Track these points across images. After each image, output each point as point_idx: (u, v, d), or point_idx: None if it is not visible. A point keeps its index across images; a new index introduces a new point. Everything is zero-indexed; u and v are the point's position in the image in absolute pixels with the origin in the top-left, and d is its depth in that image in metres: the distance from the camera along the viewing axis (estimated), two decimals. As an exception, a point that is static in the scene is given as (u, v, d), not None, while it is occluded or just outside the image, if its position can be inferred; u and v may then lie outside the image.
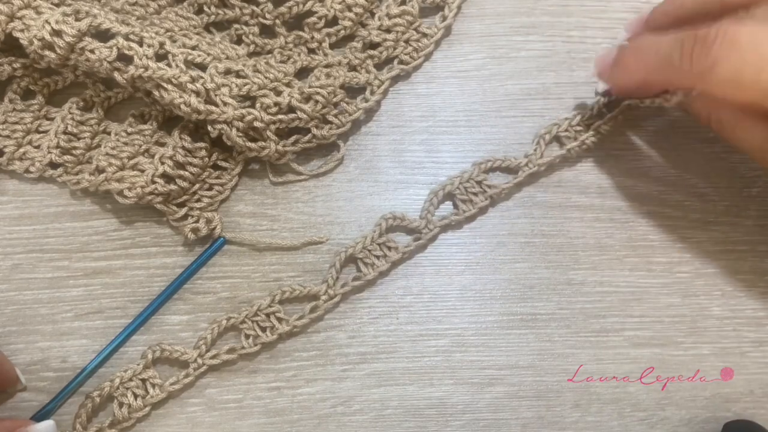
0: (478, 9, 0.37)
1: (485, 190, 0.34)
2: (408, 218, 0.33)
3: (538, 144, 0.34)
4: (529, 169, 0.34)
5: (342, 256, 0.33)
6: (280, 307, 0.32)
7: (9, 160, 0.34)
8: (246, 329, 0.32)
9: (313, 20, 0.35)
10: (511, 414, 0.32)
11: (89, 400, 0.31)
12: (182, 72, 0.31)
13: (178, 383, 0.31)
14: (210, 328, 0.32)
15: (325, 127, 0.34)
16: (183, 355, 0.31)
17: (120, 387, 0.31)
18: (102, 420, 0.31)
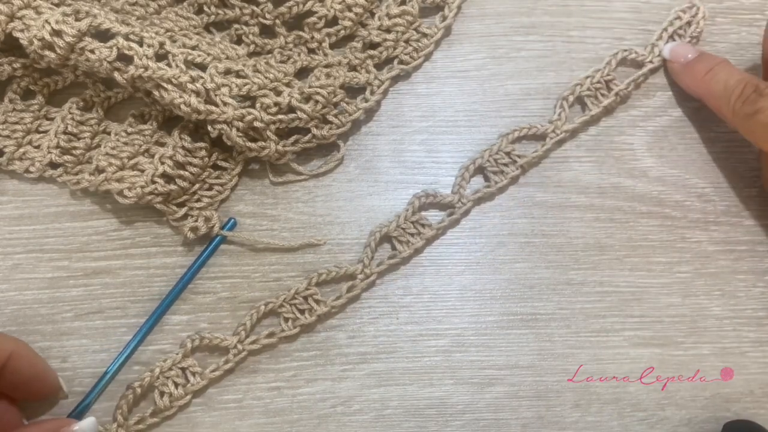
0: (478, 9, 0.37)
1: (515, 160, 0.34)
2: (441, 194, 0.34)
3: (561, 107, 0.35)
4: (556, 135, 0.35)
5: (377, 236, 0.33)
6: (317, 289, 0.32)
7: (9, 160, 0.34)
8: (285, 313, 0.32)
9: (313, 20, 0.35)
10: (511, 414, 0.32)
11: (130, 391, 0.31)
12: (182, 72, 0.31)
13: (218, 370, 0.31)
14: (249, 314, 0.32)
15: (325, 127, 0.34)
16: (223, 342, 0.32)
17: (160, 377, 0.31)
18: (143, 410, 0.31)
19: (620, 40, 0.37)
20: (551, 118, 0.35)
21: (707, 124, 0.36)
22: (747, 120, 0.31)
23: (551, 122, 0.35)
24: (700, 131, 0.36)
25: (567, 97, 0.35)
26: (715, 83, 0.33)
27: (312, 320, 0.32)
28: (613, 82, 0.36)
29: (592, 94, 0.35)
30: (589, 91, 0.35)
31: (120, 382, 0.31)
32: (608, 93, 0.35)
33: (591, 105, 0.35)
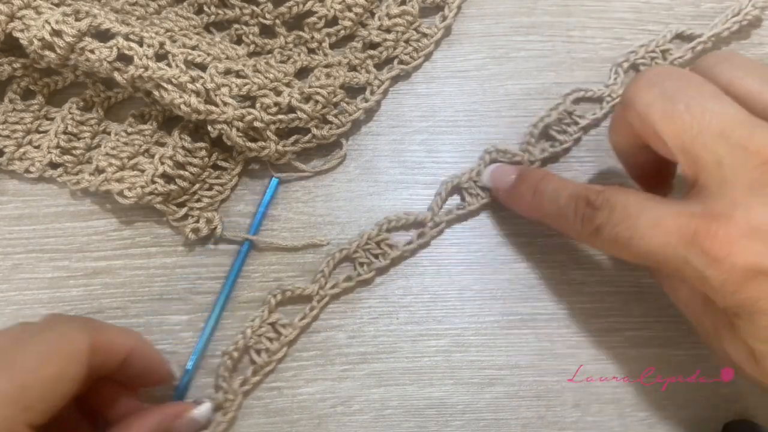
0: (478, 9, 0.37)
1: (577, 121, 0.35)
2: (511, 151, 0.34)
3: (616, 73, 0.36)
4: (612, 99, 0.35)
5: (448, 186, 0.34)
6: (388, 234, 0.33)
7: (9, 160, 0.34)
8: (359, 258, 0.33)
9: (313, 20, 0.35)
10: (511, 414, 0.32)
11: (227, 357, 0.31)
12: (182, 72, 0.31)
13: (306, 318, 0.32)
14: (325, 261, 0.33)
15: (325, 127, 0.34)
16: (305, 291, 0.32)
17: (253, 336, 0.32)
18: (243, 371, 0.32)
19: (620, 40, 0.37)
20: (607, 83, 0.36)
21: (707, 124, 0.36)
22: (591, 239, 0.27)
23: (607, 86, 0.35)
24: (700, 131, 0.36)
25: (621, 64, 0.36)
26: (546, 205, 0.30)
27: (386, 263, 0.33)
28: (668, 52, 0.36)
29: (647, 62, 0.36)
30: (644, 60, 0.36)
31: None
32: (664, 62, 0.36)
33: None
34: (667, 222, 0.24)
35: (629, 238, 0.25)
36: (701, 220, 0.23)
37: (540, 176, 0.31)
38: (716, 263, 0.23)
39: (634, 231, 0.25)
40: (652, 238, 0.24)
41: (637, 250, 0.25)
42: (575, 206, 0.28)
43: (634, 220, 0.25)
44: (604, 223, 0.26)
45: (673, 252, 0.24)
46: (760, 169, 0.23)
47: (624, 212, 0.26)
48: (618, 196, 0.26)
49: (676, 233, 0.24)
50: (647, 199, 0.26)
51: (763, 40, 0.38)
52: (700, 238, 0.23)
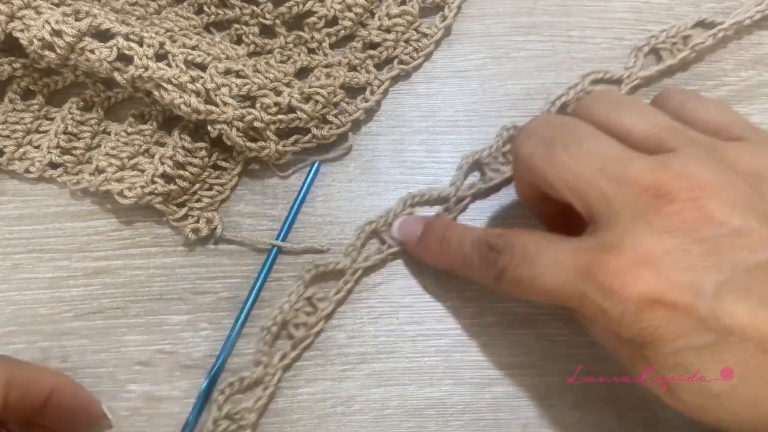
0: (478, 9, 0.37)
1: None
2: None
3: (636, 56, 0.36)
4: (631, 81, 0.35)
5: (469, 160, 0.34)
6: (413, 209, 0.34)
7: (9, 160, 0.34)
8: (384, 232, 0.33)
9: (313, 20, 0.35)
10: (511, 414, 0.32)
11: (266, 332, 0.31)
12: (182, 72, 0.31)
13: (341, 291, 0.32)
14: (356, 234, 0.33)
15: (325, 127, 0.34)
16: (338, 265, 0.32)
17: (291, 311, 0.32)
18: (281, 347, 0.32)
19: (620, 40, 0.37)
20: (627, 65, 0.36)
21: (707, 124, 0.36)
22: (497, 283, 0.27)
23: (627, 69, 0.36)
24: (700, 131, 0.36)
25: (642, 48, 0.36)
26: (453, 253, 0.30)
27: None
28: (690, 38, 0.36)
29: (667, 47, 0.36)
30: (665, 44, 0.36)
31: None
32: (684, 48, 0.36)
33: (666, 57, 0.36)
34: (564, 259, 0.25)
35: (531, 279, 0.26)
36: (593, 254, 0.24)
37: (445, 226, 0.31)
38: (612, 295, 0.23)
39: (535, 271, 0.25)
40: (552, 277, 0.25)
41: (540, 290, 0.25)
42: (479, 252, 0.28)
43: (533, 259, 0.26)
44: (506, 265, 0.26)
45: (572, 288, 0.24)
46: (640, 197, 0.24)
47: (523, 253, 0.26)
48: (517, 238, 0.27)
49: (572, 269, 0.24)
50: (545, 239, 0.26)
51: (762, 40, 0.38)
52: (593, 271, 0.23)
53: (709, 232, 0.23)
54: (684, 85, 0.37)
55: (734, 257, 0.22)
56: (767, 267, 0.22)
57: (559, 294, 0.25)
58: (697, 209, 0.23)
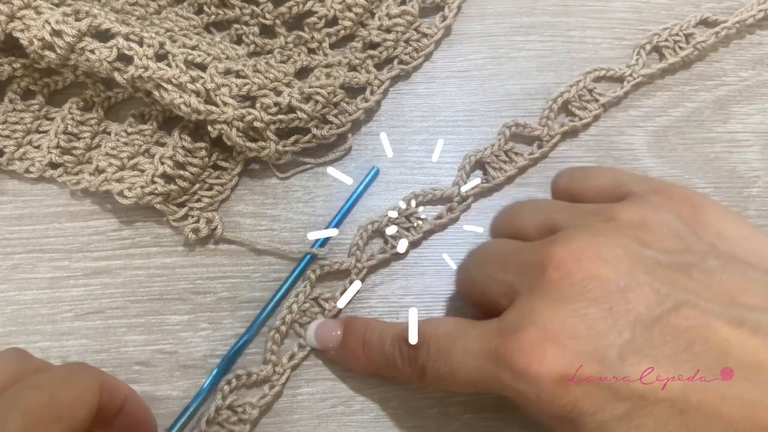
0: (478, 9, 0.37)
1: (597, 99, 0.35)
2: (530, 125, 0.35)
3: (638, 54, 0.36)
4: (633, 79, 0.36)
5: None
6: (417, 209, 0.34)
7: (9, 160, 0.34)
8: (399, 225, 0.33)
9: (313, 20, 0.35)
10: (511, 414, 0.32)
11: (274, 332, 0.32)
12: (182, 72, 0.31)
13: (347, 291, 0.33)
14: (358, 234, 0.33)
15: (325, 127, 0.34)
16: (342, 265, 0.33)
17: (298, 312, 0.32)
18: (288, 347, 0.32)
19: (620, 40, 0.37)
20: (629, 63, 0.36)
21: (707, 124, 0.36)
22: (423, 381, 0.27)
23: (629, 66, 0.36)
24: (700, 131, 0.36)
25: (644, 45, 0.36)
26: (375, 354, 0.29)
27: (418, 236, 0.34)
28: (692, 36, 0.36)
29: (670, 45, 0.36)
30: (667, 42, 0.36)
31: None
32: (687, 45, 0.36)
33: (668, 55, 0.36)
34: (474, 346, 0.25)
35: (450, 372, 0.25)
36: (501, 337, 0.24)
37: (364, 326, 0.30)
38: (524, 377, 0.23)
39: (451, 364, 0.25)
40: (468, 367, 0.25)
41: (460, 382, 0.25)
42: (399, 350, 0.28)
43: (448, 352, 0.25)
44: (425, 361, 0.26)
45: (488, 376, 0.24)
46: (533, 274, 0.24)
47: (438, 345, 0.26)
48: (432, 331, 0.27)
49: (484, 356, 0.24)
50: (458, 327, 0.26)
51: (762, 40, 0.38)
52: (503, 355, 0.23)
53: (600, 291, 0.23)
54: (684, 85, 0.37)
55: (630, 315, 0.22)
56: (665, 320, 0.22)
57: (478, 383, 0.25)
58: (582, 270, 0.23)
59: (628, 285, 0.23)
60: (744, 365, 0.21)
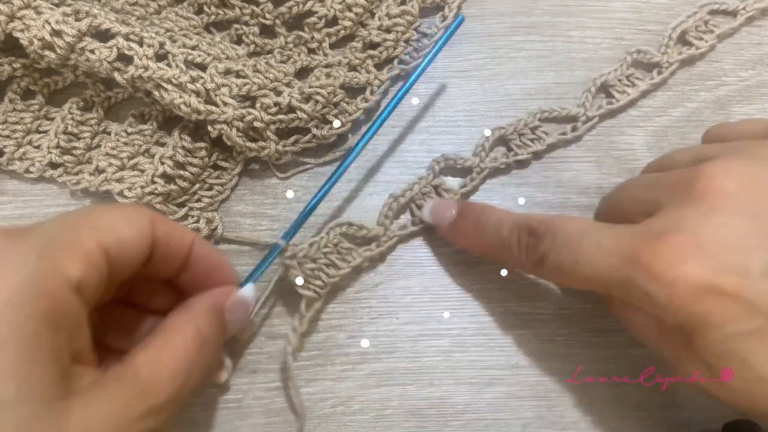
0: (478, 9, 0.37)
1: (634, 83, 0.36)
2: (651, 51, 0.36)
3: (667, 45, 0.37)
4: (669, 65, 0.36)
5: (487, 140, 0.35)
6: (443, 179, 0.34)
7: (9, 160, 0.34)
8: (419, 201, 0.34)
9: (313, 20, 0.35)
10: (511, 414, 0.32)
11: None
12: (182, 72, 0.31)
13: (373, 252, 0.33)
14: (387, 204, 0.33)
15: (325, 127, 0.34)
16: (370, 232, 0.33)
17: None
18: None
19: (620, 40, 0.37)
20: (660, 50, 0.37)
21: (707, 124, 0.36)
22: (537, 269, 0.27)
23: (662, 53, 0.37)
24: (700, 131, 0.36)
25: (671, 35, 0.37)
26: (489, 237, 0.30)
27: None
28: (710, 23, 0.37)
29: (695, 35, 0.37)
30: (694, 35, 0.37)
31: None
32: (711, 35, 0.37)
33: (695, 41, 0.37)
34: (609, 244, 0.25)
35: (574, 264, 0.25)
36: (642, 240, 0.24)
37: (480, 210, 0.31)
38: (659, 280, 0.23)
39: (578, 256, 0.25)
40: (596, 262, 0.25)
41: (582, 276, 0.25)
42: (518, 236, 0.28)
43: (577, 245, 0.26)
44: (548, 250, 0.26)
45: (617, 273, 0.24)
46: (683, 189, 0.24)
47: (566, 238, 0.26)
48: (560, 223, 0.27)
49: (618, 255, 0.24)
50: (590, 225, 0.26)
51: (762, 40, 0.38)
52: (641, 257, 0.23)
53: (752, 206, 0.23)
54: (684, 85, 0.37)
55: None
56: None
57: (603, 280, 0.25)
58: (736, 184, 0.24)
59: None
60: None
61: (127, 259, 0.25)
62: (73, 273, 0.23)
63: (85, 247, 0.24)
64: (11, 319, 0.21)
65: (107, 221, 0.25)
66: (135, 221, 0.26)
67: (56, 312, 0.22)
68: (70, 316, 0.23)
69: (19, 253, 0.23)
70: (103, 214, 0.26)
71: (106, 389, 0.23)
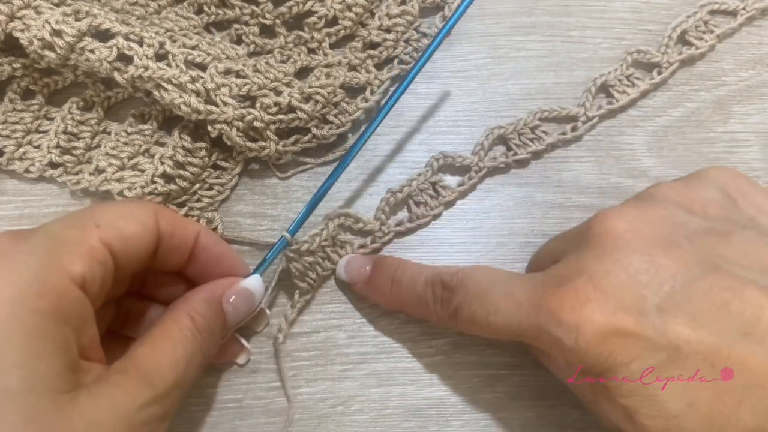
0: (478, 9, 0.37)
1: (634, 83, 0.36)
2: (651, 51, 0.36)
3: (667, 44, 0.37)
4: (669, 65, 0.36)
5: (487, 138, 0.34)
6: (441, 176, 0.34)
7: (9, 160, 0.34)
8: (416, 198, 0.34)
9: (313, 20, 0.35)
10: (511, 414, 0.32)
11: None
12: (182, 72, 0.31)
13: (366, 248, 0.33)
14: (384, 200, 0.33)
15: (325, 127, 0.34)
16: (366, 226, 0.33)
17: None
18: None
19: (620, 40, 0.37)
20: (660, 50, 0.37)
21: (707, 124, 0.36)
22: (452, 321, 0.28)
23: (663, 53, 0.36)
24: (700, 131, 0.36)
25: (671, 35, 0.37)
26: (405, 294, 0.30)
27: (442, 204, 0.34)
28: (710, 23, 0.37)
29: (695, 35, 0.37)
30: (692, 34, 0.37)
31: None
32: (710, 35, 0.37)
33: (695, 41, 0.37)
34: (517, 293, 0.25)
35: (486, 315, 0.26)
36: (546, 287, 0.25)
37: (396, 265, 0.31)
38: (565, 326, 0.24)
39: (489, 307, 0.26)
40: (506, 312, 0.26)
41: (495, 326, 0.26)
42: (432, 291, 0.29)
43: (487, 295, 0.26)
44: (461, 302, 0.27)
45: (527, 322, 0.25)
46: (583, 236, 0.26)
47: (477, 289, 0.27)
48: (471, 275, 0.28)
49: (526, 302, 0.25)
50: (500, 275, 0.27)
51: (762, 40, 0.38)
52: (546, 303, 0.24)
53: (642, 244, 0.24)
54: (684, 85, 0.37)
55: (670, 271, 0.23)
56: (703, 280, 0.23)
57: (514, 329, 0.25)
58: (625, 225, 0.25)
59: (669, 244, 0.24)
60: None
61: (133, 253, 0.26)
62: (77, 270, 0.24)
63: (88, 244, 0.25)
64: (17, 315, 0.22)
65: (110, 218, 0.26)
66: (139, 216, 0.27)
67: (61, 307, 0.23)
68: (76, 311, 0.24)
69: (24, 252, 0.24)
70: (106, 211, 0.27)
71: (109, 382, 0.24)
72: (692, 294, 0.23)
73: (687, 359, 0.22)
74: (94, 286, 0.24)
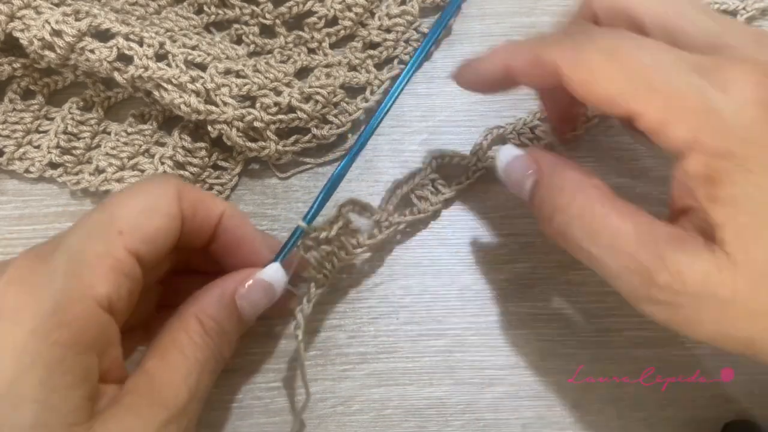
0: (478, 9, 0.37)
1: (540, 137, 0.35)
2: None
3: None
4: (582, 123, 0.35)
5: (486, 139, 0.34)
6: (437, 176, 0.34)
7: (9, 160, 0.34)
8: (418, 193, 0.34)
9: (313, 20, 0.35)
10: (511, 414, 0.32)
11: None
12: (182, 72, 0.31)
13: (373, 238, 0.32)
14: (385, 197, 0.33)
15: (325, 127, 0.34)
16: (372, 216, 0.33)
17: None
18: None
19: (620, 40, 0.37)
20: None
21: (707, 124, 0.36)
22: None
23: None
24: (700, 131, 0.36)
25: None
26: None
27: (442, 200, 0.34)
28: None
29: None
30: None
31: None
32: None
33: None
34: None
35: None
36: None
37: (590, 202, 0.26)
38: None
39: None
40: None
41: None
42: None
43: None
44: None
45: None
46: None
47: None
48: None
49: None
50: None
51: (763, 40, 0.38)
52: None
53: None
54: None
55: None
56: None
57: None
58: None
59: None
60: None
61: (160, 251, 0.25)
62: (102, 291, 0.22)
63: (113, 257, 0.23)
64: (36, 348, 0.21)
65: (133, 218, 0.24)
66: (162, 207, 0.25)
67: (84, 336, 0.22)
68: (100, 335, 0.23)
69: (45, 275, 0.22)
70: (126, 207, 0.25)
71: (122, 405, 0.23)
72: None
73: None
74: (121, 304, 0.23)
